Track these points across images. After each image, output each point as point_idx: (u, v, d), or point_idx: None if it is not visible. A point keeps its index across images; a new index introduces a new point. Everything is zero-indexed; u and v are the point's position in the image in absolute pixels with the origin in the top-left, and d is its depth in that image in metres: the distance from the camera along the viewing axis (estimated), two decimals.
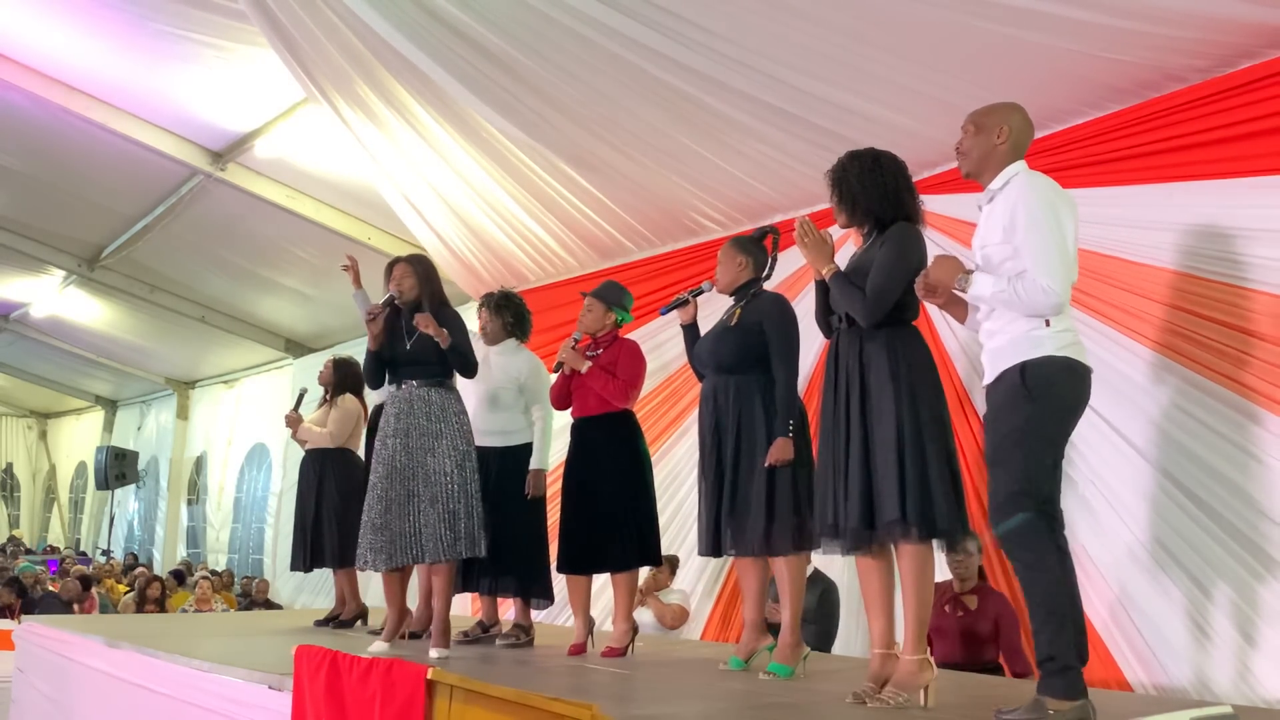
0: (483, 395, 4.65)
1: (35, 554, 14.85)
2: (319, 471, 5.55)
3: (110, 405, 18.18)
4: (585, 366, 4.31)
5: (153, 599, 8.67)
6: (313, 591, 10.21)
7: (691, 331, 4.03)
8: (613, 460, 4.25)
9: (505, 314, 4.79)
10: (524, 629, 4.64)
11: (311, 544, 5.47)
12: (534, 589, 4.61)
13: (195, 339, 12.91)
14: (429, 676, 3.08)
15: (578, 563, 4.30)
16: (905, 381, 3.03)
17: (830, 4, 4.38)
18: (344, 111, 6.78)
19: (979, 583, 4.50)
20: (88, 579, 9.71)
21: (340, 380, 5.67)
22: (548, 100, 5.79)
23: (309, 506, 5.54)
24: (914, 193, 3.22)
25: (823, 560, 4.81)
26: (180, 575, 11.12)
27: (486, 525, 4.13)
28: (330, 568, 5.60)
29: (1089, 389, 2.76)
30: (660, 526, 4.41)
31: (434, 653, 3.98)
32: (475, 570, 4.49)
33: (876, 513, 2.98)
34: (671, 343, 6.36)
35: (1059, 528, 2.71)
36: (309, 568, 5.59)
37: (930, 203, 3.56)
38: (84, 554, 15.30)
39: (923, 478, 2.96)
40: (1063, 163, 4.44)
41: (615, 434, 4.30)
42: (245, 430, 13.58)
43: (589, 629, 4.37)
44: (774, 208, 5.94)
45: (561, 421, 4.61)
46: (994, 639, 4.35)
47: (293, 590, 10.76)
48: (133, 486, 15.79)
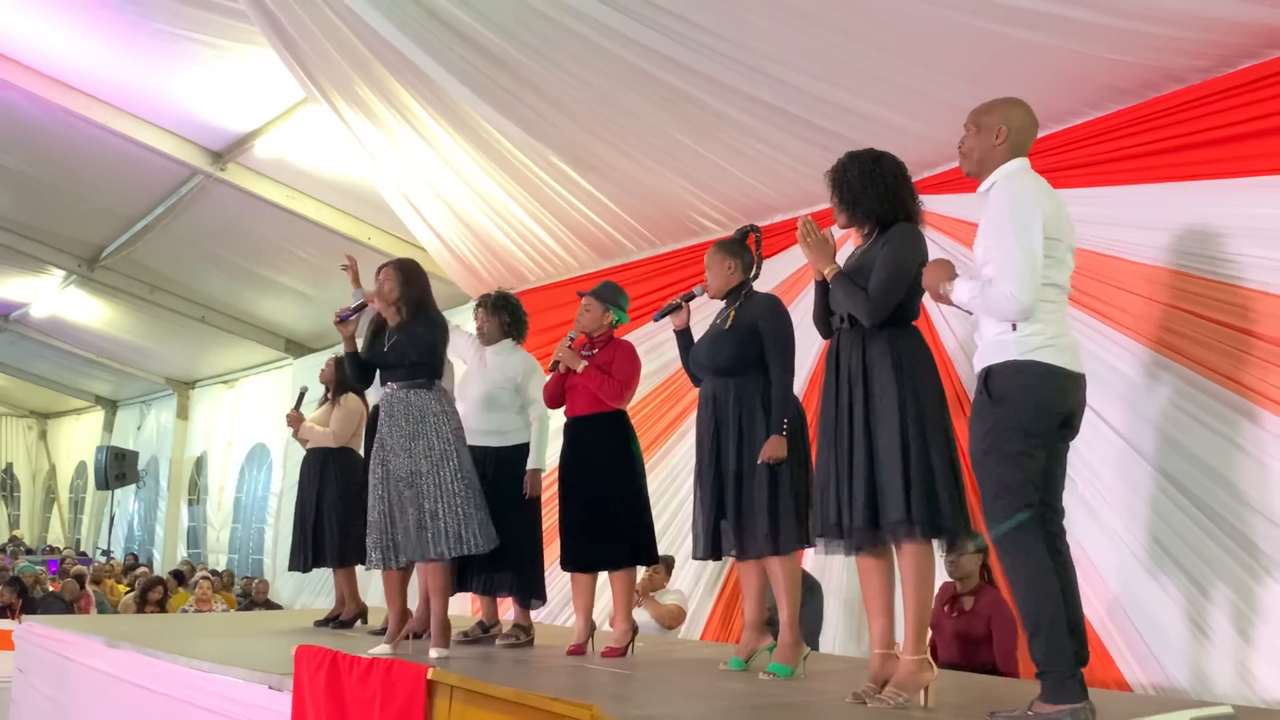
0: (479, 395, 4.66)
1: (35, 554, 14.85)
2: (320, 471, 5.55)
3: (110, 405, 18.17)
4: (581, 366, 4.32)
5: (154, 600, 8.66)
6: (313, 591, 10.21)
7: (685, 337, 4.03)
8: (606, 460, 4.27)
9: (502, 314, 4.80)
10: (524, 629, 4.64)
11: (313, 543, 5.47)
12: (527, 588, 4.61)
13: (195, 339, 12.91)
14: (429, 676, 3.08)
15: (578, 561, 4.31)
16: (909, 381, 3.04)
17: (831, 4, 4.38)
18: (344, 111, 6.78)
19: (981, 583, 4.48)
20: (81, 577, 9.71)
21: (342, 379, 5.65)
22: (548, 100, 5.79)
23: (310, 506, 5.53)
24: (914, 193, 3.23)
25: (810, 560, 4.82)
26: (180, 575, 11.12)
27: (484, 519, 4.13)
28: (331, 567, 5.60)
29: (1063, 388, 2.71)
30: (658, 527, 4.41)
31: (434, 652, 3.99)
32: (472, 569, 4.50)
33: (881, 512, 2.99)
34: (670, 344, 6.34)
35: (1051, 532, 2.70)
36: (309, 567, 5.59)
37: (930, 203, 3.56)
38: (84, 554, 15.29)
39: (927, 477, 2.96)
40: (1063, 163, 4.44)
41: (609, 434, 4.31)
42: (245, 430, 13.58)
43: (590, 629, 4.38)
44: (774, 208, 5.94)
45: (558, 422, 4.62)
46: (989, 640, 4.34)
47: (293, 590, 10.75)
48: (133, 486, 15.79)
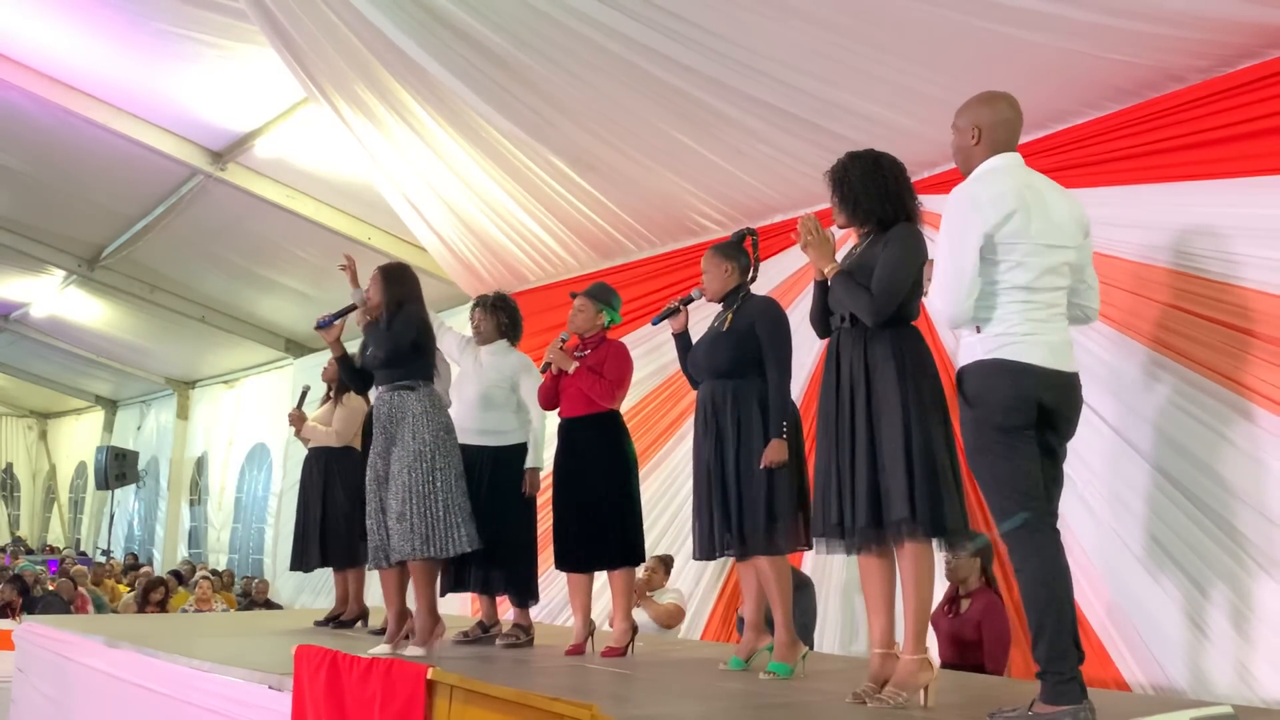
0: (475, 395, 4.67)
1: (35, 554, 14.85)
2: (324, 470, 5.55)
3: (110, 405, 18.17)
4: (573, 367, 4.33)
5: (154, 601, 8.67)
6: (313, 591, 10.21)
7: (683, 340, 4.04)
8: (599, 460, 4.29)
9: (500, 315, 4.82)
10: (524, 629, 4.65)
11: (320, 543, 5.47)
12: (522, 588, 4.62)
13: (195, 339, 12.91)
14: (429, 676, 3.08)
15: (572, 561, 4.33)
16: (911, 381, 3.04)
17: (831, 4, 4.38)
18: (344, 111, 6.78)
19: (980, 586, 4.46)
20: (77, 578, 9.70)
21: None
22: (548, 100, 5.79)
23: (313, 506, 5.53)
24: (913, 193, 3.25)
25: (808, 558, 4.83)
26: (180, 575, 11.11)
27: (458, 522, 4.14)
28: (334, 568, 5.60)
29: (1029, 384, 2.72)
30: (658, 527, 4.43)
31: (409, 650, 4.01)
32: (470, 568, 4.51)
33: (884, 511, 2.99)
34: (669, 345, 6.35)
35: (1043, 530, 2.70)
36: (312, 567, 5.59)
37: (930, 203, 3.57)
38: (84, 554, 15.29)
39: (930, 477, 2.97)
40: (1063, 163, 4.44)
41: (602, 434, 4.33)
42: (245, 430, 13.58)
43: (589, 630, 4.38)
44: (774, 208, 5.94)
45: (554, 422, 4.63)
46: (978, 644, 4.31)
47: (293, 590, 10.76)
48: (133, 486, 15.79)
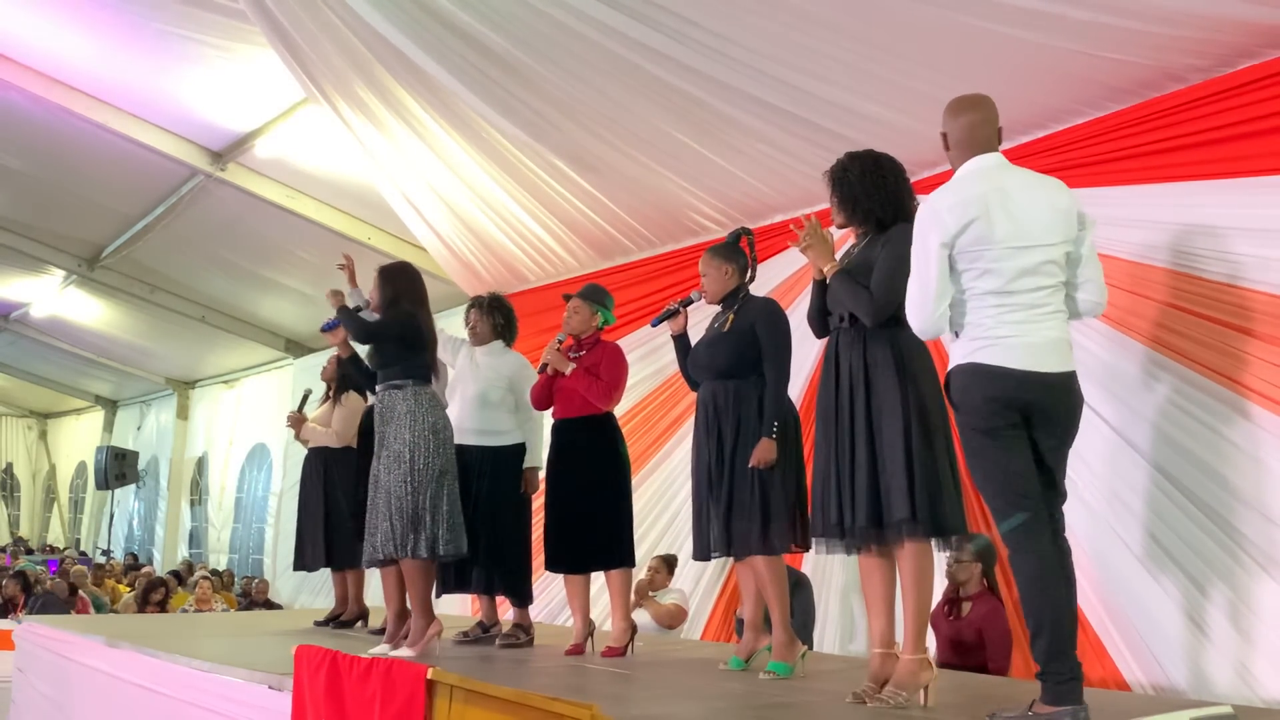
0: (472, 396, 4.67)
1: (35, 554, 14.85)
2: (322, 471, 5.55)
3: (110, 405, 18.16)
4: (570, 368, 4.33)
5: (155, 601, 8.67)
6: (313, 591, 10.21)
7: (683, 342, 4.03)
8: (595, 463, 4.30)
9: (496, 316, 4.83)
10: (523, 629, 4.65)
11: (316, 543, 5.47)
12: (519, 588, 4.62)
13: (195, 339, 12.90)
14: (429, 676, 3.08)
15: (567, 562, 4.34)
16: (911, 381, 3.04)
17: (831, 4, 4.38)
18: (344, 111, 6.78)
19: (982, 590, 4.44)
20: (74, 586, 9.68)
21: (344, 377, 5.65)
22: (548, 100, 5.79)
23: (312, 505, 5.53)
24: (912, 194, 3.26)
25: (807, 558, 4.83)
26: (179, 575, 11.11)
27: (435, 525, 4.11)
28: (333, 568, 5.60)
29: (1004, 386, 2.73)
30: (658, 528, 4.43)
31: (401, 651, 4.00)
32: (470, 567, 4.51)
33: (884, 511, 2.99)
34: (667, 347, 6.36)
35: (1038, 531, 2.71)
36: (311, 567, 5.59)
37: None
38: (84, 554, 15.29)
39: (930, 476, 2.97)
40: (1063, 163, 4.44)
41: (597, 436, 4.34)
42: (246, 430, 13.57)
43: (589, 630, 4.38)
44: (774, 208, 5.93)
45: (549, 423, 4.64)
46: (979, 648, 4.32)
47: (293, 590, 10.76)
48: (133, 486, 15.79)
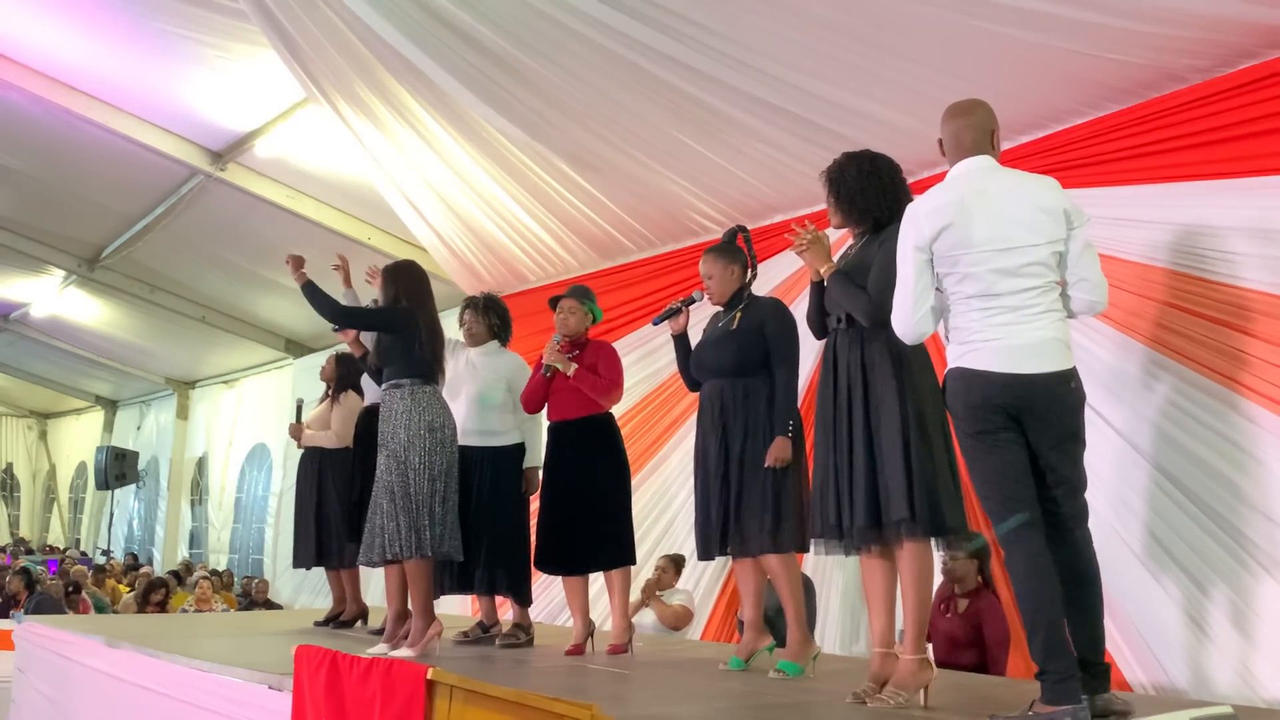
0: (472, 396, 4.67)
1: (35, 555, 14.85)
2: (317, 470, 5.54)
3: (110, 405, 18.17)
4: (572, 369, 4.32)
5: (155, 601, 8.67)
6: (313, 591, 10.21)
7: (683, 341, 4.02)
8: (595, 463, 4.30)
9: (491, 316, 4.82)
10: (523, 629, 4.65)
11: (313, 541, 5.47)
12: (515, 589, 4.61)
13: (195, 339, 12.91)
14: (429, 676, 3.08)
15: (562, 563, 4.35)
16: (909, 381, 3.05)
17: (831, 4, 4.38)
18: (344, 111, 6.78)
19: (978, 586, 4.48)
20: (78, 585, 9.70)
21: (343, 376, 5.65)
22: (548, 100, 5.79)
23: (307, 505, 5.53)
24: (909, 194, 3.25)
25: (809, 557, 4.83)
26: (179, 575, 11.11)
27: (425, 526, 4.10)
28: (327, 567, 5.60)
29: (985, 389, 2.74)
30: (659, 528, 4.43)
31: (400, 651, 4.00)
32: (473, 569, 4.50)
33: (883, 511, 2.99)
34: (663, 349, 6.38)
35: (1032, 531, 2.71)
36: (312, 565, 5.59)
37: None
38: (84, 554, 15.29)
39: (929, 476, 2.97)
40: (1063, 163, 4.44)
41: (602, 437, 4.35)
42: (246, 430, 13.58)
43: (589, 630, 4.38)
44: (774, 208, 5.93)
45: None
46: (975, 644, 4.35)
47: (293, 590, 10.76)
48: (133, 486, 15.79)
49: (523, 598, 4.66)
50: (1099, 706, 2.74)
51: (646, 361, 6.50)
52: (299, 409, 5.82)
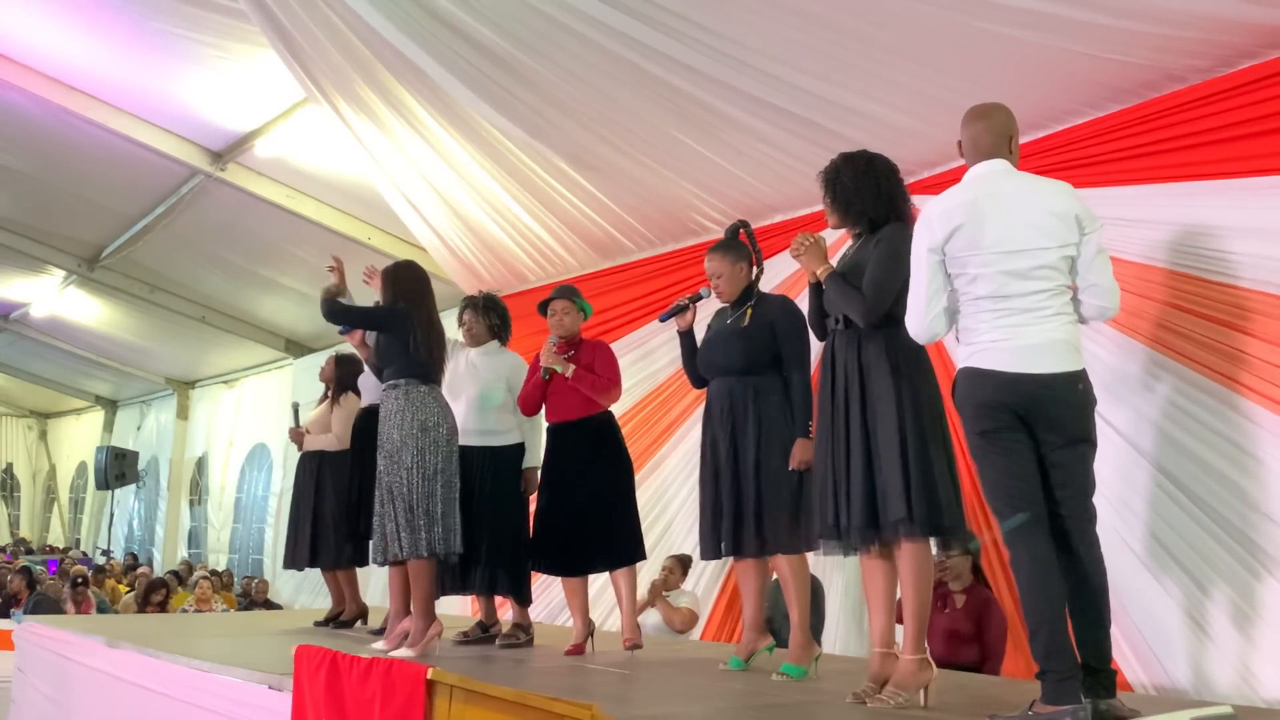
0: (472, 396, 4.67)
1: (35, 554, 14.85)
2: (315, 472, 5.54)
3: (110, 405, 18.17)
4: (571, 369, 4.32)
5: (155, 602, 8.67)
6: (313, 591, 10.20)
7: (689, 339, 4.00)
8: (596, 463, 4.29)
9: (491, 316, 4.82)
10: (523, 629, 4.65)
11: (307, 542, 5.46)
12: (515, 589, 4.61)
13: (195, 339, 12.91)
14: (429, 676, 3.08)
15: (561, 564, 4.36)
16: (906, 381, 3.05)
17: (831, 4, 4.38)
18: (344, 111, 6.78)
19: (973, 582, 4.50)
20: (84, 579, 9.70)
21: (342, 377, 5.65)
22: (548, 100, 5.79)
23: (304, 506, 5.52)
24: (906, 195, 3.26)
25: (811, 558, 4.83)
26: (179, 575, 11.11)
27: (421, 526, 4.12)
28: (321, 568, 5.59)
29: (992, 389, 2.76)
30: (659, 528, 4.43)
31: (400, 651, 4.01)
32: (474, 570, 4.51)
33: (881, 511, 2.99)
34: (661, 350, 6.38)
35: (1036, 531, 2.71)
36: (300, 566, 5.58)
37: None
38: (85, 554, 15.29)
39: (927, 476, 2.97)
40: (1063, 163, 4.44)
41: (599, 436, 4.35)
42: (246, 430, 13.58)
43: (589, 630, 4.38)
44: (774, 208, 5.93)
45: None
46: (975, 639, 4.36)
47: (293, 590, 10.75)
48: (133, 486, 15.78)
49: (523, 598, 4.67)
50: (1104, 712, 2.73)
51: (646, 361, 6.50)
52: (295, 412, 5.81)
